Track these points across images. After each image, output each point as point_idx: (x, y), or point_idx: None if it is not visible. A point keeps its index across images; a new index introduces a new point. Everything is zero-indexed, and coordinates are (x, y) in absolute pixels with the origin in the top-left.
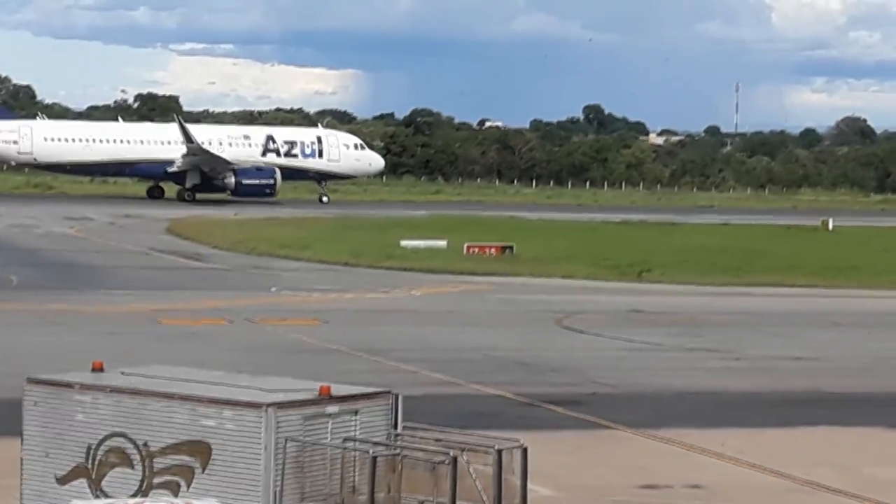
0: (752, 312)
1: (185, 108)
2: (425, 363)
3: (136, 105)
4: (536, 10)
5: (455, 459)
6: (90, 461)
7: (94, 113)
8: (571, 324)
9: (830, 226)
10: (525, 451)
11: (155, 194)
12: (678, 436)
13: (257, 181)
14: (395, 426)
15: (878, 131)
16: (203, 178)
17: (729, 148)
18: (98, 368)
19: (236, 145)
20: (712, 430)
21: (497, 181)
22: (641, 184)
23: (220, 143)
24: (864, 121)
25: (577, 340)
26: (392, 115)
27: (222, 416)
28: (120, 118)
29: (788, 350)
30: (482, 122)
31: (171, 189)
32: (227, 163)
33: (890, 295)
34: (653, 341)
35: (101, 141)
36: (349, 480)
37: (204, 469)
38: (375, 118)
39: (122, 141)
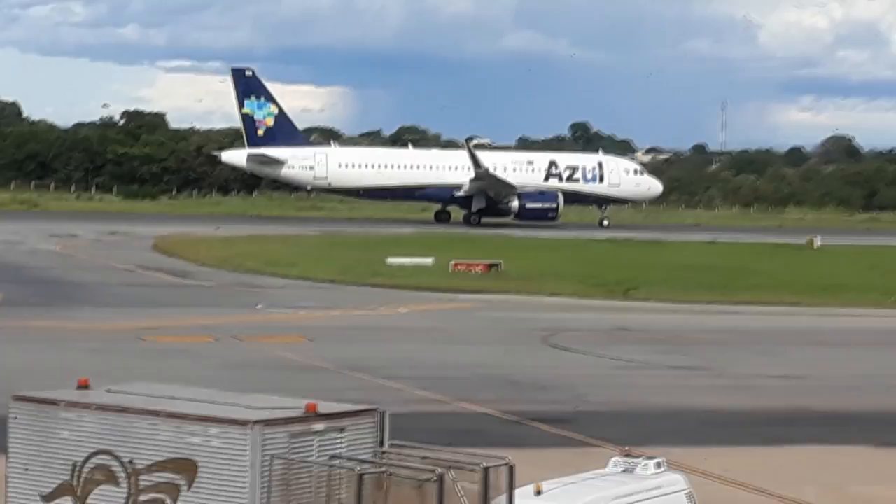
0: (738, 330)
1: (172, 125)
2: (412, 380)
3: (122, 122)
4: (524, 27)
5: (442, 477)
6: (75, 479)
7: (81, 130)
8: (558, 341)
9: (817, 244)
10: (512, 468)
11: (442, 218)
12: (664, 454)
13: (541, 205)
14: (382, 444)
15: (865, 150)
16: (488, 202)
17: (715, 166)
18: (84, 386)
19: (520, 170)
20: (698, 448)
21: None
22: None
23: (504, 169)
24: (851, 139)
25: (564, 358)
26: (379, 132)
27: (208, 434)
28: (410, 145)
29: (774, 368)
30: (469, 140)
31: (457, 213)
32: (511, 187)
33: (876, 314)
34: (639, 359)
35: (392, 167)
36: (335, 498)
37: (190, 487)
38: (362, 135)
39: (412, 167)
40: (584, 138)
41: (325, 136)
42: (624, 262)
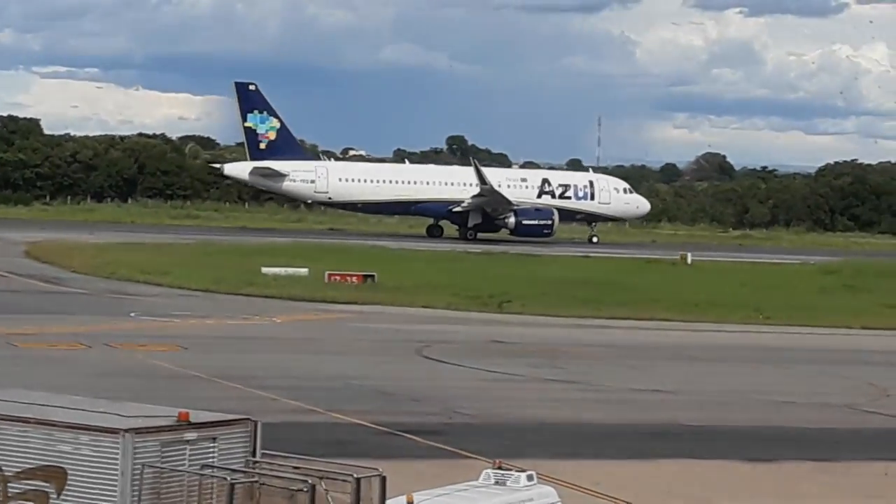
0: (611, 345)
1: (46, 132)
2: (285, 391)
3: None
4: (403, 40)
5: (314, 487)
6: None
7: None
8: (432, 353)
9: (689, 260)
10: (383, 479)
11: (434, 233)
12: (536, 466)
13: (537, 221)
14: (254, 453)
15: (737, 168)
16: (484, 217)
17: None
18: None
19: (514, 187)
20: (570, 460)
21: None
22: None
23: (499, 185)
24: (724, 157)
25: (438, 370)
26: None
27: (79, 441)
28: (406, 160)
29: (646, 383)
30: (346, 151)
31: (449, 229)
32: (510, 203)
33: (746, 329)
34: (513, 372)
35: (390, 182)
36: None
37: (59, 494)
38: (239, 144)
39: (409, 182)
40: (460, 151)
41: (202, 144)
42: (498, 275)
